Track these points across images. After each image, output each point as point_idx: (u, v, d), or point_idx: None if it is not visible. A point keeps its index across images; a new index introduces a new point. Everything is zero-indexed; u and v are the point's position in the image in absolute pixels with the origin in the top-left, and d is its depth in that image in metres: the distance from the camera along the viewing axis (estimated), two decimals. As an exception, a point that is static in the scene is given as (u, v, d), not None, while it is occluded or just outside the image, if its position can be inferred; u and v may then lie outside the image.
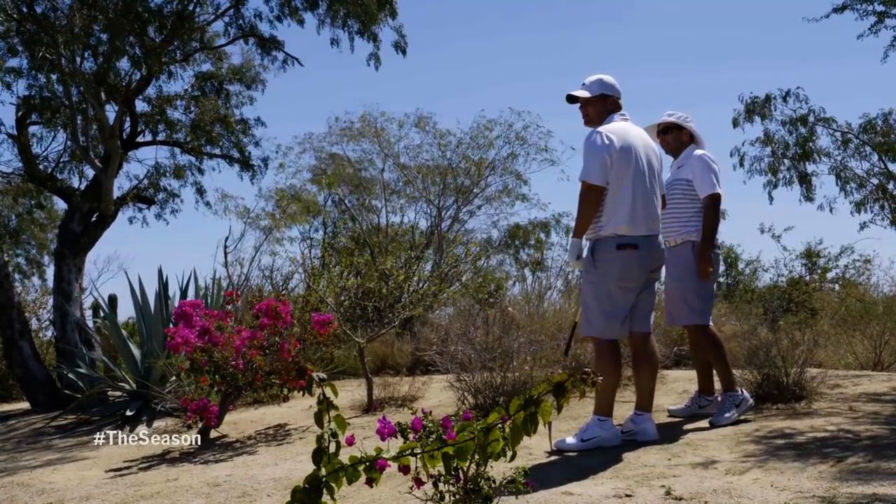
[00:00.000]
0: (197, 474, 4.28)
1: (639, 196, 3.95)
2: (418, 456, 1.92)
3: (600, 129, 4.01)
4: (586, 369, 1.96)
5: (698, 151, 4.62)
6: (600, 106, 4.14)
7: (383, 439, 2.20)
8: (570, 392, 1.86)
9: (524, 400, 1.86)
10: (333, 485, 1.87)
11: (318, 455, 1.96)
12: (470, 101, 36.26)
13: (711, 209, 4.47)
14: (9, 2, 7.74)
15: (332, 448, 2.00)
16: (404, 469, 2.01)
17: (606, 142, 3.92)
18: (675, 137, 4.71)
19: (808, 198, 12.84)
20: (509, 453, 2.06)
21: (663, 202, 4.28)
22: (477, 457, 1.94)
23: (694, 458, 3.65)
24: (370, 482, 1.93)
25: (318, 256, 12.13)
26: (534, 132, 16.49)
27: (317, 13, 8.98)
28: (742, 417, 4.38)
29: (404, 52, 9.27)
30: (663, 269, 4.44)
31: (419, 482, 2.23)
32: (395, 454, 1.90)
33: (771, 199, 13.07)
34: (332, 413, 2.02)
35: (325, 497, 1.90)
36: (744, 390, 4.51)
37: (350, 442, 2.02)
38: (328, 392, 2.03)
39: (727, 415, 4.32)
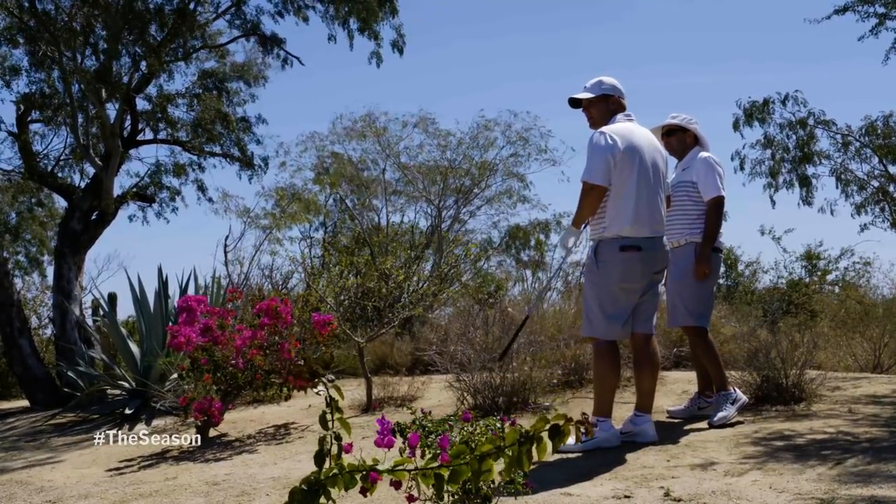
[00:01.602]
0: (196, 473, 4.28)
1: (643, 197, 3.94)
2: (411, 473, 1.92)
3: (604, 129, 4.00)
4: (584, 413, 1.97)
5: (703, 154, 4.62)
6: (603, 106, 4.14)
7: (380, 447, 2.19)
8: (567, 435, 1.88)
9: (521, 435, 1.87)
10: (331, 489, 1.87)
11: (321, 458, 1.95)
12: (470, 101, 36.26)
13: (714, 211, 4.47)
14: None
15: (335, 450, 2.00)
16: (396, 484, 2.01)
17: (609, 142, 3.91)
18: (679, 139, 4.71)
19: (807, 202, 12.83)
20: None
21: (669, 203, 4.29)
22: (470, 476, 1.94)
23: (693, 459, 3.65)
24: (364, 492, 1.93)
25: (318, 256, 12.14)
26: (535, 133, 16.48)
27: (318, 11, 9.01)
28: (741, 419, 4.39)
29: (401, 52, 9.27)
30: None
31: (411, 498, 2.23)
32: (389, 467, 1.90)
33: (773, 202, 13.07)
34: (337, 416, 2.01)
35: (323, 500, 1.89)
36: (736, 389, 4.52)
37: (348, 450, 2.02)
38: (334, 394, 2.02)
39: (723, 413, 4.32)
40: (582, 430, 1.90)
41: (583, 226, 4.04)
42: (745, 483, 3.18)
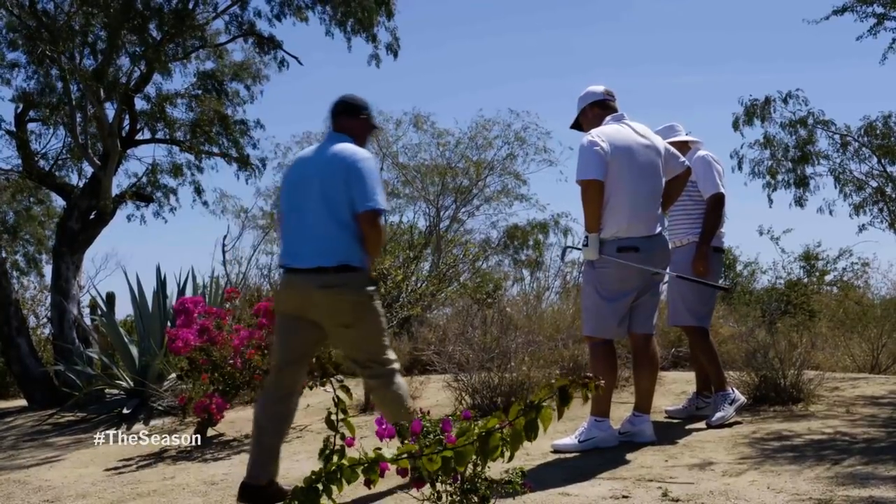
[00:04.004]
0: (194, 473, 4.28)
1: (638, 195, 3.92)
2: (417, 459, 1.92)
3: (590, 132, 4.03)
4: (588, 374, 1.97)
5: (701, 152, 4.62)
6: (590, 116, 4.19)
7: (381, 440, 2.20)
8: (573, 397, 1.87)
9: (525, 405, 1.86)
10: (333, 486, 1.87)
11: (329, 456, 1.96)
12: (468, 101, 36.22)
13: (713, 209, 4.47)
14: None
15: (339, 449, 2.01)
16: (402, 472, 2.00)
17: (593, 139, 3.93)
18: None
19: (800, 203, 12.82)
20: (507, 454, 2.06)
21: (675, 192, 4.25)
22: (476, 458, 1.93)
23: (691, 459, 3.65)
24: (368, 483, 1.93)
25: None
26: (532, 133, 16.49)
27: (316, 12, 9.01)
28: (739, 419, 4.39)
29: (395, 55, 9.23)
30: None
31: (418, 485, 2.23)
32: (393, 456, 1.90)
33: (770, 201, 13.06)
34: (342, 416, 2.02)
35: (324, 497, 1.89)
36: (734, 389, 4.52)
37: (350, 444, 2.02)
38: (342, 395, 2.04)
39: (721, 413, 4.32)
40: (588, 389, 1.88)
41: (600, 229, 3.94)
42: (742, 483, 3.18)
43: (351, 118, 3.62)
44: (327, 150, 3.52)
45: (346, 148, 3.49)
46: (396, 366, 3.52)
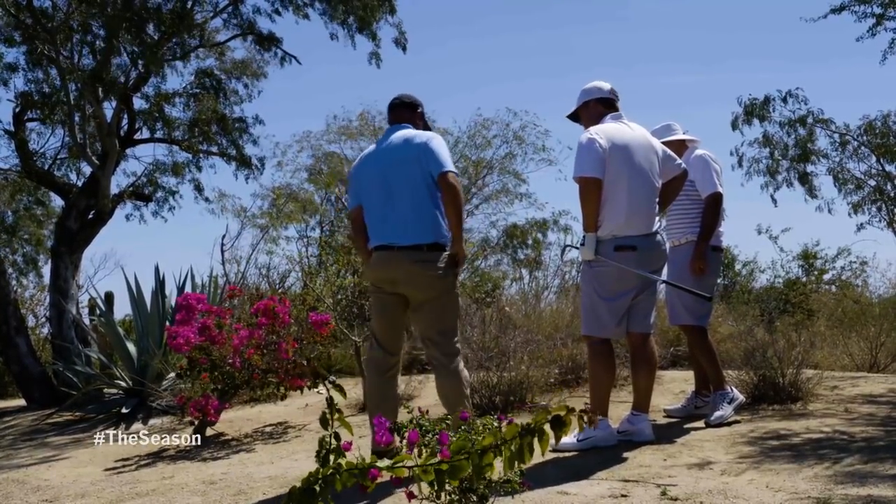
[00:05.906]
0: (193, 472, 4.28)
1: (635, 195, 3.93)
2: (411, 469, 1.91)
3: (589, 129, 4.03)
4: (585, 403, 1.98)
5: (699, 151, 4.62)
6: (592, 112, 4.18)
7: (379, 444, 2.19)
8: (569, 426, 1.88)
9: (522, 427, 1.87)
10: (333, 486, 1.86)
11: (326, 458, 1.95)
12: (467, 100, 36.15)
13: (711, 208, 4.47)
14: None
15: (335, 449, 2.00)
16: (396, 481, 2.00)
17: (593, 137, 3.93)
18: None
19: (813, 195, 12.82)
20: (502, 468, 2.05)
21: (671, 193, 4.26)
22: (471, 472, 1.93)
23: (690, 458, 3.66)
24: (363, 489, 1.92)
25: (315, 255, 12.12)
26: (531, 132, 16.47)
27: (316, 9, 9.01)
28: (737, 418, 4.39)
29: (404, 49, 9.30)
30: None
31: (411, 495, 2.23)
32: (388, 464, 1.89)
33: (774, 201, 13.08)
34: (337, 416, 2.02)
35: (321, 500, 1.89)
36: (733, 388, 4.52)
37: (346, 448, 2.01)
38: (335, 395, 2.03)
39: (720, 412, 4.33)
40: (585, 419, 1.90)
41: (597, 229, 3.94)
42: (741, 482, 3.18)
43: (409, 111, 4.02)
44: (397, 138, 3.86)
45: (415, 132, 3.89)
46: (459, 348, 3.84)
